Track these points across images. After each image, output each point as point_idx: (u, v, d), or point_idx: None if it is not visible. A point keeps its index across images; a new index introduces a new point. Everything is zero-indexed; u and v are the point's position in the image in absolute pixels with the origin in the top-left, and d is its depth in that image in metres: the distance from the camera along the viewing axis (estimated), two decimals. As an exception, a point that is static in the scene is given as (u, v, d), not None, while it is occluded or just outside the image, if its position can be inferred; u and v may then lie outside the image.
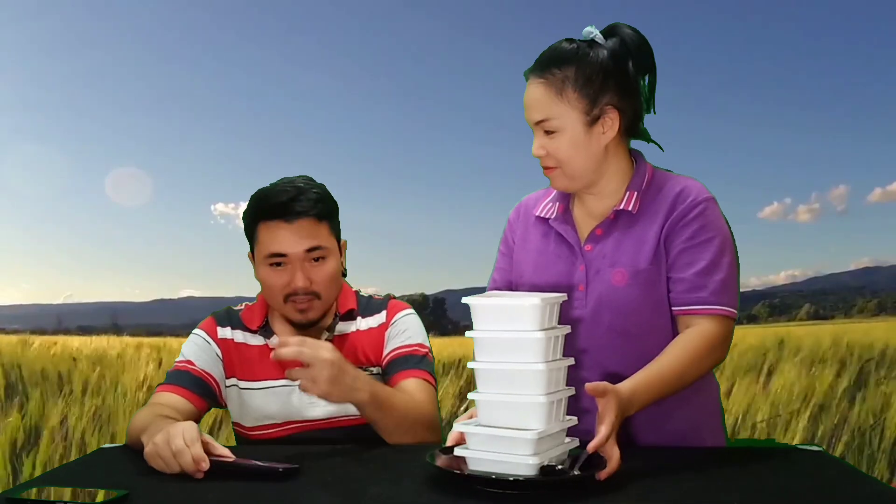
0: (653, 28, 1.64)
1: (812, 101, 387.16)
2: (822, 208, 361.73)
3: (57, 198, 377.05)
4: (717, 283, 1.33)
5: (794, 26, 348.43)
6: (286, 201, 1.50)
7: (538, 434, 1.09)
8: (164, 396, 1.53)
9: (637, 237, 1.39)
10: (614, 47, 1.36)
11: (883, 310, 23.03)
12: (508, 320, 1.13)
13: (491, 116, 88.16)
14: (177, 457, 1.19)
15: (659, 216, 1.38)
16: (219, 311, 1.66)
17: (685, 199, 1.37)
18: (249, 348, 1.61)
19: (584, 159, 1.36)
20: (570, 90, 1.33)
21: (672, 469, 1.21)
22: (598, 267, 1.39)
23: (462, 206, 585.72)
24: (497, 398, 1.13)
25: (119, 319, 52.35)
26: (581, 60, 1.34)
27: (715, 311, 1.33)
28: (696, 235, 1.35)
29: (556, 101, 1.34)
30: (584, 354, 1.39)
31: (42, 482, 1.24)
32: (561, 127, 1.34)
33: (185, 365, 1.57)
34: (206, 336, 1.61)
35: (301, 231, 1.51)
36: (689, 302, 1.34)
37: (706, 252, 1.35)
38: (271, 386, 1.59)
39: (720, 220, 1.39)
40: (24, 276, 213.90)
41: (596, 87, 1.34)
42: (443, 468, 1.14)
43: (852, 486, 1.15)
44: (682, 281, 1.35)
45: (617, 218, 1.40)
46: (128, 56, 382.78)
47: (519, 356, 1.12)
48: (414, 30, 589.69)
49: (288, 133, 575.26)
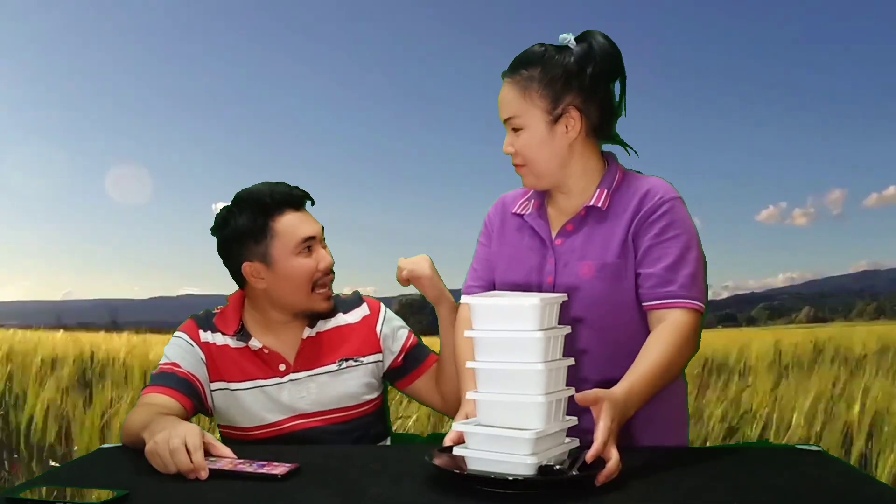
0: (653, 30, 1.63)
1: (808, 106, 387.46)
2: (819, 212, 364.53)
3: (57, 195, 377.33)
4: (685, 278, 1.37)
5: (792, 31, 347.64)
6: (288, 191, 1.60)
7: (536, 434, 1.09)
8: (154, 397, 1.52)
9: (606, 232, 1.43)
10: (581, 52, 1.41)
11: (882, 313, 23.14)
12: (508, 320, 1.13)
13: (490, 116, 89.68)
14: (173, 455, 1.19)
15: (627, 213, 1.42)
16: (198, 313, 1.67)
17: (653, 196, 1.42)
18: (231, 350, 1.62)
19: (547, 157, 1.42)
20: (533, 89, 1.40)
21: (672, 469, 1.21)
22: (566, 260, 1.44)
23: (461, 206, 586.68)
24: (496, 398, 1.14)
25: (118, 316, 52.32)
26: (547, 62, 1.41)
27: (685, 305, 1.36)
28: (664, 232, 1.39)
29: (521, 100, 1.41)
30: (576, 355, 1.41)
31: (42, 482, 1.24)
32: (525, 124, 1.41)
33: (171, 367, 1.57)
34: (188, 339, 1.62)
35: (310, 216, 1.62)
36: (660, 296, 1.37)
37: (673, 248, 1.38)
38: (260, 385, 1.60)
39: (687, 218, 1.43)
40: (24, 273, 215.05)
41: (558, 88, 1.40)
42: (442, 468, 1.14)
43: (852, 486, 1.15)
44: (651, 276, 1.38)
45: (587, 214, 1.45)
46: (129, 55, 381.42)
47: (518, 356, 1.12)
48: (415, 30, 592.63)
49: (288, 133, 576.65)
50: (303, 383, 1.61)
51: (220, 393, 1.60)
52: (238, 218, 1.58)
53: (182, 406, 1.53)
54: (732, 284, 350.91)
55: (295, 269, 1.57)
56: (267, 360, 1.61)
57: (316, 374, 1.61)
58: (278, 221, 1.57)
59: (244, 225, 1.58)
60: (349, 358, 1.64)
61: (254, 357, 1.61)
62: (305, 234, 1.57)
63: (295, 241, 1.56)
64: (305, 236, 1.57)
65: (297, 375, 1.61)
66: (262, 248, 1.57)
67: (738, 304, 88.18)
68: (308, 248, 1.58)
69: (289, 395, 1.60)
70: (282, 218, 1.57)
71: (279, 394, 1.60)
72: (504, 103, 1.44)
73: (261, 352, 1.61)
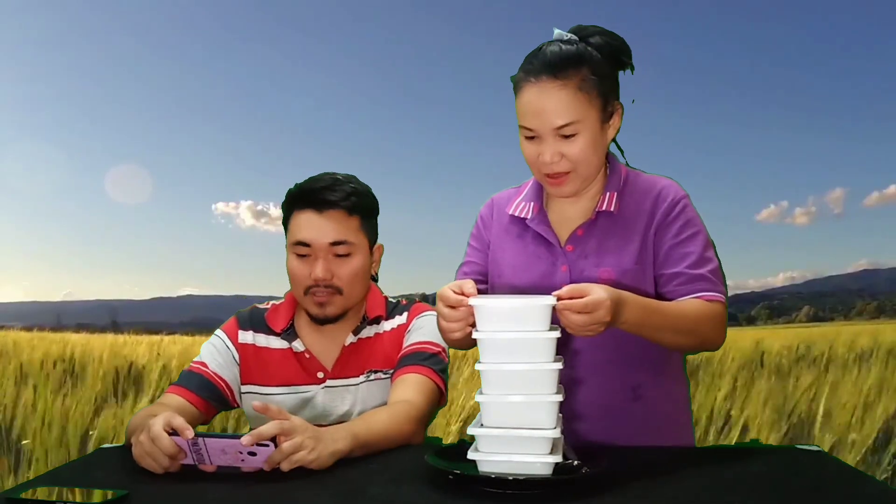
0: (652, 29, 1.62)
1: (808, 105, 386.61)
2: (819, 211, 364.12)
3: (56, 195, 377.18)
4: (711, 273, 1.38)
5: (792, 31, 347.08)
6: (319, 189, 1.52)
7: (555, 433, 1.10)
8: (169, 398, 1.53)
9: (620, 237, 1.41)
10: (602, 45, 1.37)
11: (882, 312, 23.13)
12: (516, 321, 1.12)
13: (493, 116, 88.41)
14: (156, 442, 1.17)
15: (642, 216, 1.41)
16: (243, 311, 1.65)
17: (666, 198, 1.41)
18: (270, 352, 1.60)
19: (598, 160, 1.39)
20: (589, 89, 1.33)
21: (672, 469, 1.21)
22: (581, 267, 1.41)
23: (463, 206, 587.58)
24: (508, 399, 1.13)
25: (118, 317, 52.26)
26: (591, 60, 1.34)
27: (715, 298, 1.36)
28: (682, 231, 1.40)
29: (580, 103, 1.32)
30: (574, 355, 1.41)
31: (42, 482, 1.24)
32: (582, 129, 1.34)
33: (199, 367, 1.58)
34: (225, 339, 1.61)
35: (330, 222, 1.52)
36: (692, 292, 1.37)
37: (694, 246, 1.39)
38: (296, 391, 1.58)
39: (697, 216, 1.44)
40: (24, 274, 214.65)
41: (608, 84, 1.36)
42: (443, 469, 1.14)
43: (852, 486, 1.15)
44: (678, 275, 1.38)
45: (598, 218, 1.42)
46: (129, 54, 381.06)
47: (530, 356, 1.12)
48: (416, 30, 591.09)
49: (288, 133, 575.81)
50: (337, 392, 1.58)
51: (249, 396, 1.59)
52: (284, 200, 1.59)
53: (197, 409, 1.53)
54: (733, 284, 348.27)
55: (290, 268, 1.55)
56: (306, 365, 1.58)
57: (349, 385, 1.58)
58: (294, 215, 1.55)
59: (283, 210, 1.59)
60: (377, 370, 1.58)
61: (294, 360, 1.59)
62: (298, 238, 1.52)
63: (291, 240, 1.54)
64: (297, 240, 1.52)
65: (334, 383, 1.58)
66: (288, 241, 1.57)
67: (739, 304, 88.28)
68: (304, 255, 1.53)
69: (322, 404, 1.57)
70: (299, 214, 1.54)
71: (313, 401, 1.58)
72: (557, 110, 1.32)
73: (302, 356, 1.58)
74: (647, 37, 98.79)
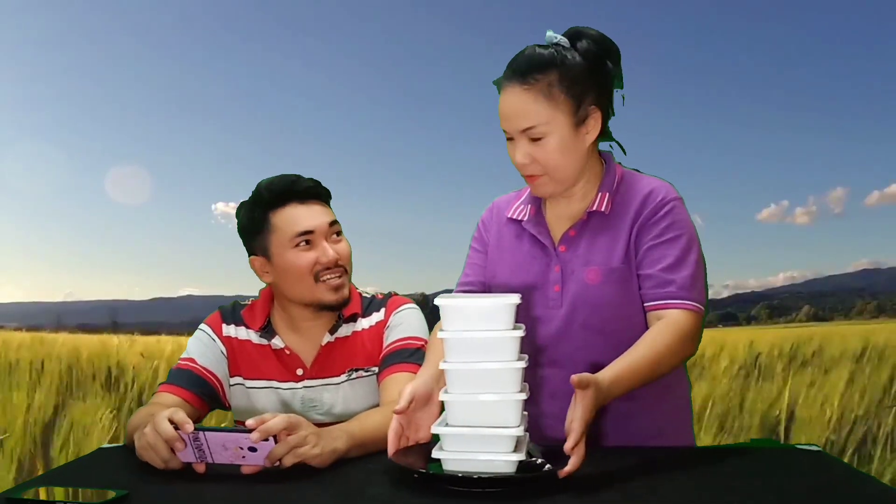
0: (652, 29, 1.62)
1: (808, 105, 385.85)
2: (820, 210, 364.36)
3: (56, 195, 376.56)
4: (684, 279, 1.35)
5: (792, 30, 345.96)
6: (291, 183, 1.54)
7: (518, 431, 1.11)
8: (163, 397, 1.53)
9: (609, 237, 1.41)
10: (588, 48, 1.37)
11: (882, 311, 23.07)
12: (480, 320, 1.12)
13: (493, 116, 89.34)
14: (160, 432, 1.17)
15: (629, 215, 1.40)
16: (226, 306, 1.65)
17: (654, 198, 1.40)
18: (253, 346, 1.60)
19: (572, 163, 1.38)
20: (556, 93, 1.33)
21: (670, 469, 1.21)
22: (572, 267, 1.41)
23: (462, 206, 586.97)
24: (472, 398, 1.13)
25: (118, 317, 52.10)
26: (562, 64, 1.34)
27: (683, 306, 1.34)
28: (664, 233, 1.38)
29: (544, 106, 1.33)
30: (559, 353, 1.41)
31: (42, 482, 1.24)
32: (549, 132, 1.34)
33: (188, 363, 1.57)
34: (210, 332, 1.61)
35: (317, 207, 1.56)
36: (659, 297, 1.35)
37: (673, 249, 1.37)
38: (275, 387, 1.58)
39: (688, 220, 1.41)
40: (24, 274, 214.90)
41: (580, 88, 1.35)
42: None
43: (852, 486, 1.14)
44: (650, 277, 1.37)
45: (589, 219, 1.42)
46: (129, 54, 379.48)
47: (495, 355, 1.12)
48: (416, 30, 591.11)
49: (288, 133, 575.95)
50: (316, 391, 1.58)
51: (236, 388, 1.60)
52: (242, 212, 1.58)
53: (191, 406, 1.52)
54: (733, 283, 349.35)
55: (293, 263, 1.53)
56: (286, 362, 1.59)
57: (328, 384, 1.58)
58: (277, 215, 1.54)
59: (245, 218, 1.57)
60: (359, 368, 1.58)
61: (273, 357, 1.59)
62: (301, 228, 1.53)
63: (290, 234, 1.53)
64: (301, 230, 1.53)
65: (312, 382, 1.58)
66: (263, 242, 1.56)
67: (739, 303, 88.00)
68: (307, 242, 1.53)
69: (301, 402, 1.58)
70: (282, 211, 1.54)
71: (292, 399, 1.58)
72: (521, 113, 1.34)
73: (282, 352, 1.59)
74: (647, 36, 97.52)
